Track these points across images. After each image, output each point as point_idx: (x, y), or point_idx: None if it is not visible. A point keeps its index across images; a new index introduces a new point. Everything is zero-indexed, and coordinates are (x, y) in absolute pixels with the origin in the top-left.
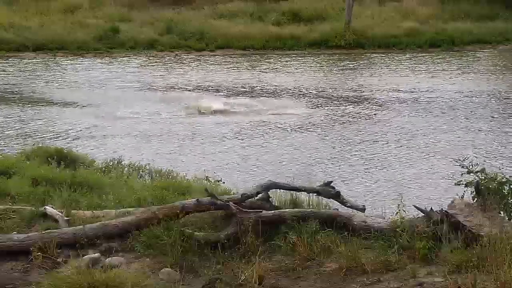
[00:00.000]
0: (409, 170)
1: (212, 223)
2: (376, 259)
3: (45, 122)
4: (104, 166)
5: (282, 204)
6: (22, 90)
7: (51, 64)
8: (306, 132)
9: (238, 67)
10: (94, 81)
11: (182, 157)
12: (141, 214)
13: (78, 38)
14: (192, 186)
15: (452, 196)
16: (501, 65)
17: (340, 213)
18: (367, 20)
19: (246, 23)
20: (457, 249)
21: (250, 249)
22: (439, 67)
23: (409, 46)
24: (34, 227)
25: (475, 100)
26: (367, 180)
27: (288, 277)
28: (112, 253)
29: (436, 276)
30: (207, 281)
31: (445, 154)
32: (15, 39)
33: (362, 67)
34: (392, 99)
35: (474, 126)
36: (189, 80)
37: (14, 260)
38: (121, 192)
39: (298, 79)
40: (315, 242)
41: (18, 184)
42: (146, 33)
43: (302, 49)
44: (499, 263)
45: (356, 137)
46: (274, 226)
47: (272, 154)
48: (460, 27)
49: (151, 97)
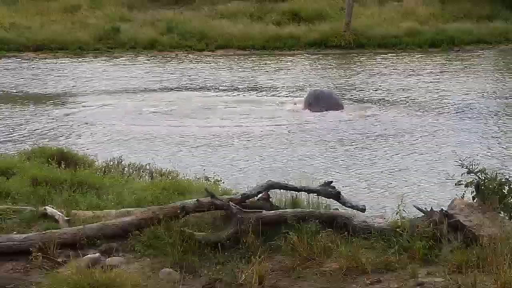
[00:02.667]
0: (410, 170)
1: (212, 223)
2: (376, 259)
3: (51, 122)
4: (104, 166)
5: (282, 204)
6: (23, 90)
7: (51, 64)
8: (305, 131)
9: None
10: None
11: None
12: (141, 214)
13: (78, 38)
14: (192, 186)
15: (452, 196)
16: (502, 65)
17: (340, 213)
18: (367, 20)
19: (246, 23)
20: (457, 249)
21: (250, 249)
22: (439, 67)
23: (409, 46)
24: (34, 227)
25: (475, 100)
26: (367, 180)
27: (288, 277)
28: (112, 253)
29: (436, 276)
30: (207, 281)
31: (445, 154)
32: (15, 39)
33: (362, 67)
34: (392, 99)
35: (474, 126)
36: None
37: (14, 260)
38: (121, 192)
39: (297, 78)
40: (315, 242)
41: (18, 184)
42: (147, 33)
43: (302, 49)
44: (499, 263)
45: (356, 137)
46: (274, 226)
47: (271, 153)
48: (460, 27)
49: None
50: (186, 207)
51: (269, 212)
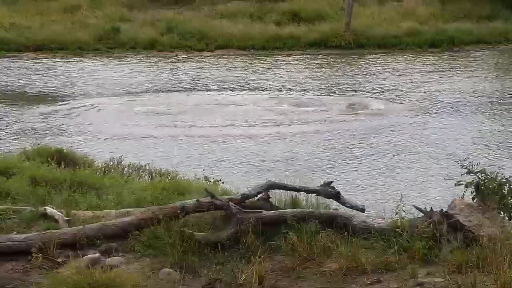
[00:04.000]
0: (409, 170)
1: (212, 223)
2: (376, 259)
3: (50, 122)
4: (104, 166)
5: (282, 204)
6: (22, 90)
7: (52, 64)
8: (305, 131)
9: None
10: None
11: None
12: (141, 214)
13: (78, 38)
14: (192, 186)
15: (452, 196)
16: (502, 65)
17: (340, 213)
18: (367, 20)
19: (246, 23)
20: (457, 249)
21: (250, 249)
22: (439, 67)
23: (409, 46)
24: (34, 227)
25: (475, 100)
26: (367, 180)
27: (288, 277)
28: (112, 253)
29: (436, 276)
30: (207, 281)
31: (445, 154)
32: (15, 39)
33: (362, 67)
34: (392, 99)
35: (475, 126)
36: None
37: (14, 260)
38: (121, 192)
39: (297, 78)
40: (315, 242)
41: (18, 184)
42: (147, 33)
43: (302, 49)
44: (499, 263)
45: (355, 137)
46: (274, 226)
47: (271, 153)
48: (460, 27)
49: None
50: (186, 207)
51: (269, 212)
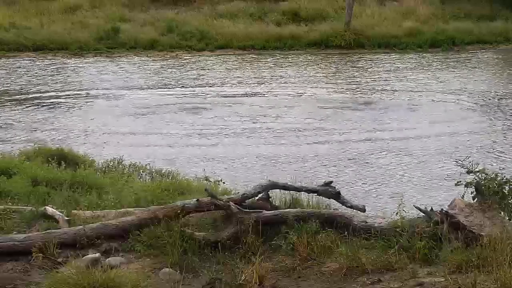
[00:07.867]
0: (410, 170)
1: (212, 223)
2: (377, 259)
3: (50, 121)
4: (104, 166)
5: (282, 204)
6: (23, 90)
7: (52, 64)
8: (303, 131)
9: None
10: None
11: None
12: (141, 214)
13: (78, 38)
14: (192, 186)
15: (452, 196)
16: (502, 65)
17: (340, 213)
18: (367, 20)
19: (246, 23)
20: (457, 249)
21: (250, 249)
22: (439, 67)
23: (410, 46)
24: (34, 227)
25: (476, 100)
26: (367, 180)
27: (288, 277)
28: (112, 253)
29: (436, 276)
30: (207, 281)
31: (445, 154)
32: (15, 39)
33: (362, 67)
34: (392, 98)
35: (475, 126)
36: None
37: (15, 260)
38: (121, 192)
39: (295, 78)
40: (315, 242)
41: (18, 184)
42: (147, 33)
43: (302, 49)
44: (499, 263)
45: (355, 136)
46: (274, 226)
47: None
48: (460, 27)
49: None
50: (186, 207)
51: (269, 212)
